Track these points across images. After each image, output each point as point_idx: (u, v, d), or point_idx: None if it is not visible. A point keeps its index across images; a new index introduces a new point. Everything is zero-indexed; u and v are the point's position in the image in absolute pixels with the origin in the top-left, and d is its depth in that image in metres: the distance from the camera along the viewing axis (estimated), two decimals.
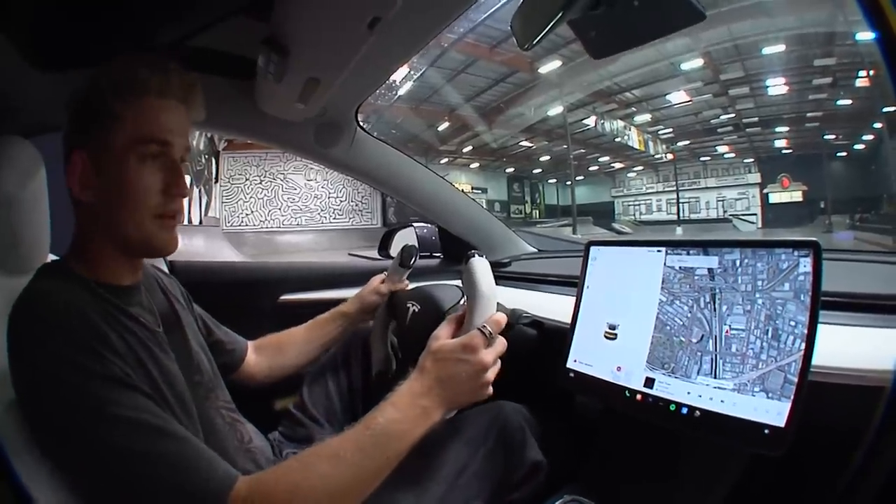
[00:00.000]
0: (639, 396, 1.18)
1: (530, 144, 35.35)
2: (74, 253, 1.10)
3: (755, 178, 31.55)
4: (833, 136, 27.31)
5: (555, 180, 41.61)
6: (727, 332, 1.08)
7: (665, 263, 1.21)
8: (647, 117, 31.29)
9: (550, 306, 1.67)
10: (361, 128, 2.02)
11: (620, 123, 31.01)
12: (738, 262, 1.10)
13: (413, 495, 1.24)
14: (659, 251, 1.24)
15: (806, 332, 0.97)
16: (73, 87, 1.09)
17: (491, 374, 1.10)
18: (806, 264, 1.00)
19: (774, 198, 30.13)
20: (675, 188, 36.03)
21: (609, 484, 1.31)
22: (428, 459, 1.28)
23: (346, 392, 1.74)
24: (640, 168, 38.24)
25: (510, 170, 38.87)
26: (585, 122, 30.95)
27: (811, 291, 0.98)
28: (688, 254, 1.18)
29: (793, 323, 0.99)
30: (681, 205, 35.77)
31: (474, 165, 36.02)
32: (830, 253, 1.01)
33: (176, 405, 1.03)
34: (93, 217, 1.07)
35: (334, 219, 23.23)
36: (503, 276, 2.26)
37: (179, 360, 1.14)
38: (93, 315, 0.95)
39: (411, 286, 1.83)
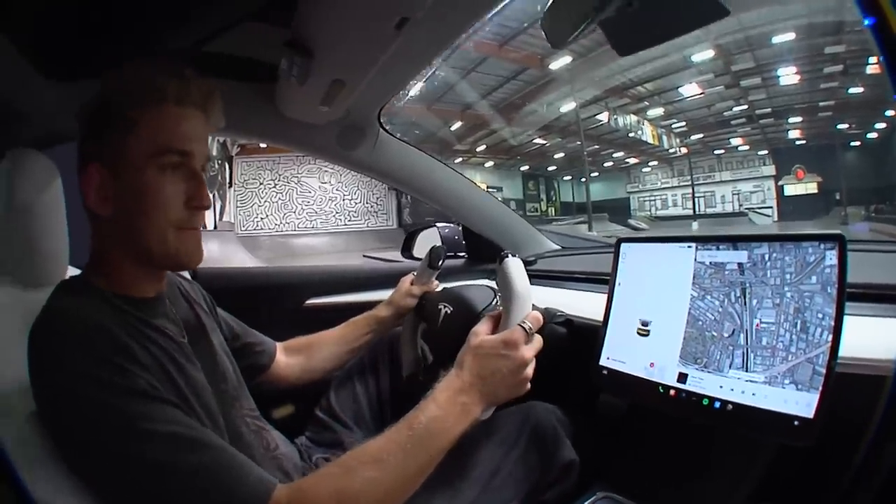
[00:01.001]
0: (672, 392, 1.19)
1: (544, 142, 34.87)
2: (94, 266, 1.08)
3: (770, 170, 30.88)
4: (846, 126, 26.83)
5: (570, 177, 41.18)
6: (758, 325, 1.09)
7: (696, 259, 1.22)
8: (659, 111, 30.79)
9: (579, 304, 1.67)
10: (384, 129, 2.01)
11: (634, 118, 30.56)
12: (766, 257, 1.11)
13: (446, 498, 1.24)
14: (689, 247, 1.24)
15: (833, 323, 0.98)
16: (86, 96, 1.06)
17: (530, 370, 1.11)
18: (832, 257, 1.01)
19: (790, 190, 29.53)
20: (690, 182, 35.22)
21: (639, 480, 1.32)
22: (460, 461, 1.28)
23: (375, 396, 1.73)
24: (655, 163, 37.51)
25: (524, 168, 38.33)
26: (598, 117, 30.18)
27: (837, 283, 0.99)
28: (717, 249, 1.19)
29: (820, 315, 1.00)
30: (696, 199, 35.07)
31: (489, 164, 35.51)
32: (850, 244, 1.02)
33: (203, 415, 1.02)
34: (112, 230, 1.05)
35: (349, 221, 23.27)
36: (529, 274, 2.10)
37: (205, 369, 1.13)
38: (115, 329, 0.93)
39: (440, 287, 1.82)
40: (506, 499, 1.28)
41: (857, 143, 27.50)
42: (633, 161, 38.31)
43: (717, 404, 1.10)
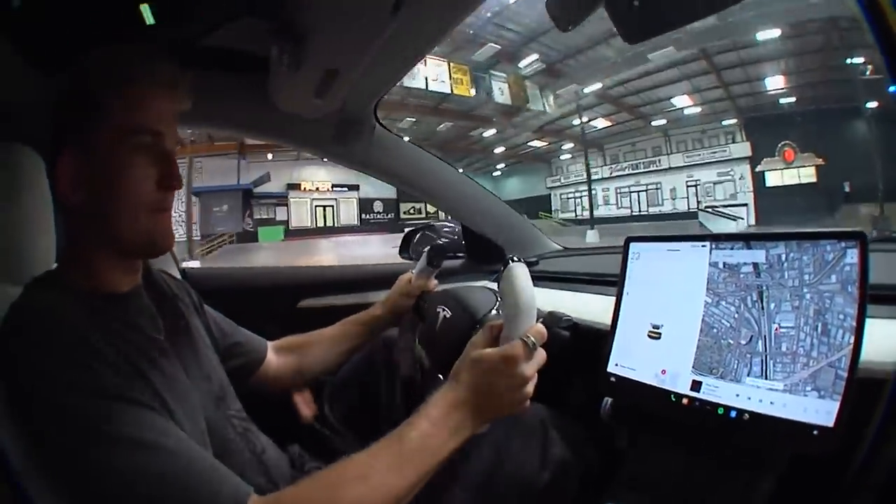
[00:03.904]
0: (685, 400, 1.14)
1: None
2: (67, 261, 1.08)
3: (742, 149, 23.10)
4: (861, 62, 17.71)
5: (463, 168, 33.81)
6: (777, 330, 1.04)
7: (710, 260, 1.17)
8: (489, 50, 21.18)
9: (584, 306, 1.62)
10: (381, 124, 2.00)
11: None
12: (783, 257, 1.06)
13: None
14: (703, 246, 1.19)
15: (854, 324, 0.94)
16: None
17: (530, 388, 1.05)
18: (853, 255, 0.97)
19: (773, 178, 22.40)
20: (627, 171, 27.79)
21: (647, 492, 1.25)
22: (453, 467, 1.22)
23: (371, 404, 1.70)
24: (572, 145, 30.34)
25: None
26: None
27: (859, 282, 0.95)
28: (732, 248, 1.14)
29: (841, 316, 0.96)
30: (637, 194, 28.57)
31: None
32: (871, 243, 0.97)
33: (181, 414, 0.99)
34: (86, 219, 1.04)
35: None
36: (531, 275, 2.10)
37: (186, 366, 1.12)
38: (81, 325, 0.92)
39: (439, 287, 1.80)
40: (501, 501, 1.25)
41: (876, 104, 18.00)
42: (538, 144, 30.68)
43: (733, 413, 1.05)
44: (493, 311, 1.50)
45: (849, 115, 18.57)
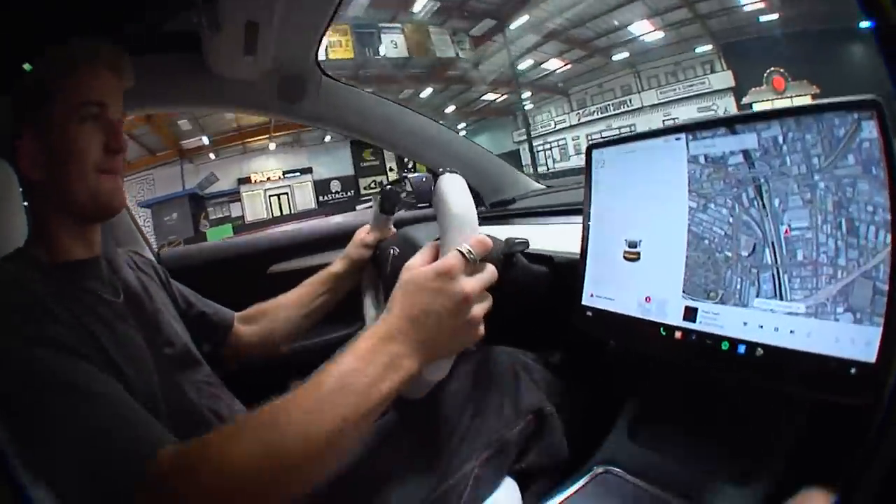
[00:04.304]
0: (678, 334, 0.95)
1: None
2: (32, 236, 1.12)
3: (723, 79, 20.42)
4: None
5: None
6: (786, 232, 0.83)
7: (689, 154, 0.97)
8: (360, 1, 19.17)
9: (561, 239, 1.48)
10: (327, 75, 1.96)
11: None
12: (780, 139, 0.86)
13: (405, 468, 1.11)
14: (678, 139, 0.99)
15: (889, 217, 0.72)
16: None
17: (479, 309, 0.91)
18: (870, 128, 0.75)
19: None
20: (596, 116, 25.14)
21: (648, 449, 1.10)
22: (414, 424, 1.17)
23: None
24: (529, 94, 27.64)
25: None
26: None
27: (885, 160, 0.74)
28: (713, 137, 0.94)
29: (870, 208, 0.75)
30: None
31: (273, 146, 29.47)
32: None
33: (131, 372, 1.01)
34: (46, 192, 1.11)
35: None
36: (507, 214, 2.20)
37: (145, 331, 1.15)
38: (38, 290, 0.96)
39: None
40: (471, 459, 1.12)
41: (865, 24, 8.06)
42: (493, 97, 28.90)
43: (742, 348, 0.86)
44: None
45: (843, 35, 15.57)
